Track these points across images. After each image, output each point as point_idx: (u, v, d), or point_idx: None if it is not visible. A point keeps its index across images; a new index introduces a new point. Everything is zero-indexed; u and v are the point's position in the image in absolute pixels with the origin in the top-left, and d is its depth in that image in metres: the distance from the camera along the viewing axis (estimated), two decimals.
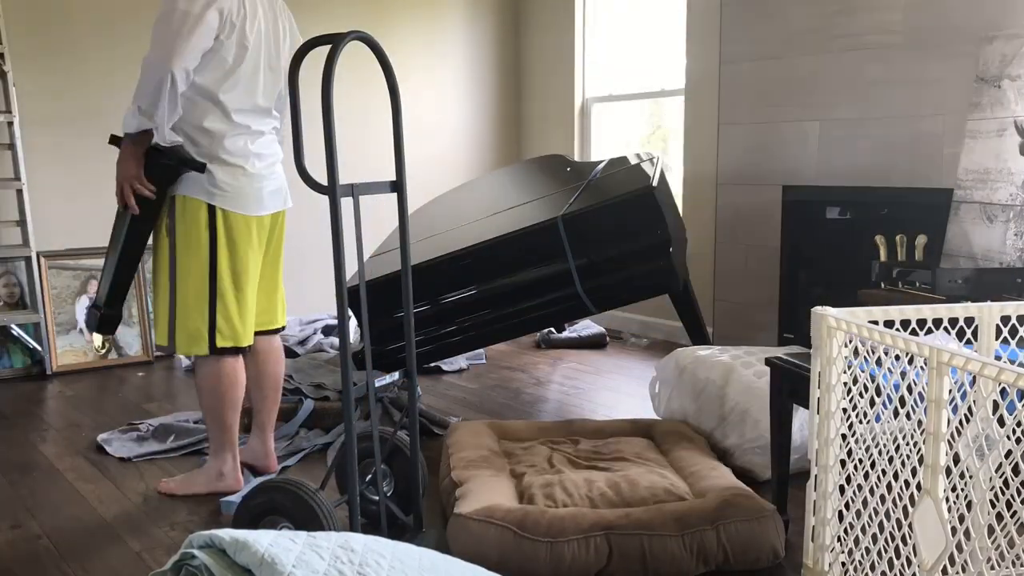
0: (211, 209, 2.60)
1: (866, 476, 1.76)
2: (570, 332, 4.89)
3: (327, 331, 4.85)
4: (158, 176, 2.54)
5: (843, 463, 1.83)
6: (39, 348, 4.30)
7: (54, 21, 4.37)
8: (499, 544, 2.17)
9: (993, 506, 1.75)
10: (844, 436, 1.83)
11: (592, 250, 3.37)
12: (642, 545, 2.16)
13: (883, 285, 3.27)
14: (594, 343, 4.85)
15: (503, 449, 2.85)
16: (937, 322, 1.91)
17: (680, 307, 4.02)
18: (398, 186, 2.23)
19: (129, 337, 4.55)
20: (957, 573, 1.66)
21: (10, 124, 4.16)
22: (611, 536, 2.17)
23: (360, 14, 5.21)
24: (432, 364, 4.28)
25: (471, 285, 3.52)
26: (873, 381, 1.72)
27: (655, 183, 3.39)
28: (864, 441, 1.76)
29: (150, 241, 2.68)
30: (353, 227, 2.15)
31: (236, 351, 2.71)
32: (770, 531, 2.24)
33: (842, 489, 1.85)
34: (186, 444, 3.19)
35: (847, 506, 1.83)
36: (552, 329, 4.87)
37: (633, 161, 3.96)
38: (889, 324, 1.90)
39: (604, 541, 2.17)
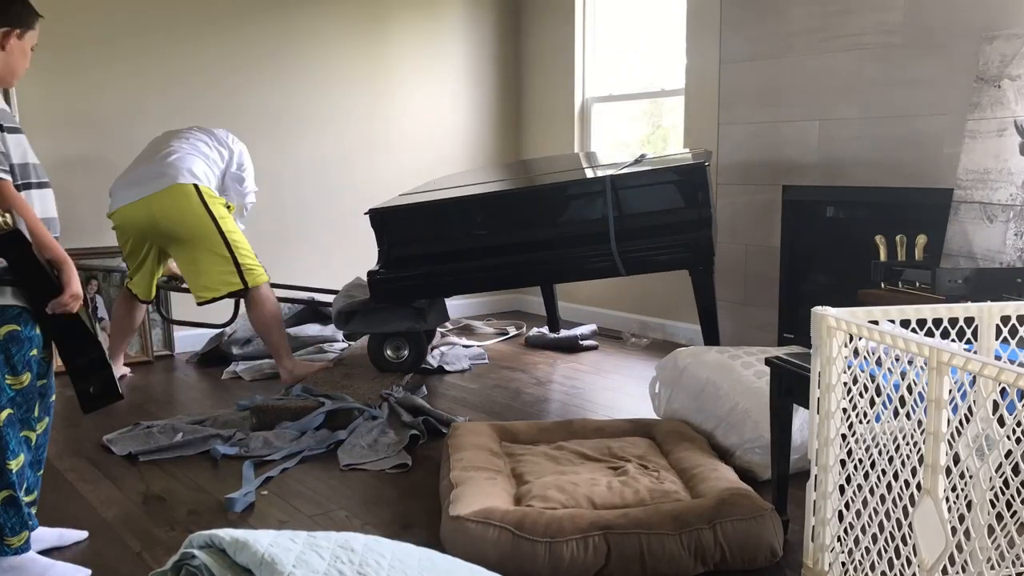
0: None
1: (866, 476, 1.77)
2: (565, 333, 4.88)
3: (308, 317, 4.86)
4: None
5: (843, 463, 1.83)
6: None
7: (53, 22, 4.35)
8: (497, 545, 2.17)
9: (993, 506, 1.75)
10: (844, 436, 1.83)
11: (634, 214, 3.59)
12: (640, 544, 2.16)
13: (883, 285, 3.27)
14: (573, 346, 4.72)
15: (504, 449, 2.85)
16: (937, 322, 1.91)
17: (700, 289, 3.91)
18: None
19: None
20: (957, 573, 1.66)
21: None
22: (609, 536, 2.17)
23: (360, 14, 5.21)
24: (435, 366, 4.31)
25: (513, 226, 3.74)
26: (873, 381, 1.72)
27: (707, 163, 3.61)
28: (864, 441, 1.76)
29: None
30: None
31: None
32: (768, 530, 2.24)
33: (842, 489, 1.85)
34: (191, 441, 3.17)
35: (847, 506, 1.83)
36: (546, 329, 4.89)
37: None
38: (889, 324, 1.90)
39: (602, 541, 2.17)
